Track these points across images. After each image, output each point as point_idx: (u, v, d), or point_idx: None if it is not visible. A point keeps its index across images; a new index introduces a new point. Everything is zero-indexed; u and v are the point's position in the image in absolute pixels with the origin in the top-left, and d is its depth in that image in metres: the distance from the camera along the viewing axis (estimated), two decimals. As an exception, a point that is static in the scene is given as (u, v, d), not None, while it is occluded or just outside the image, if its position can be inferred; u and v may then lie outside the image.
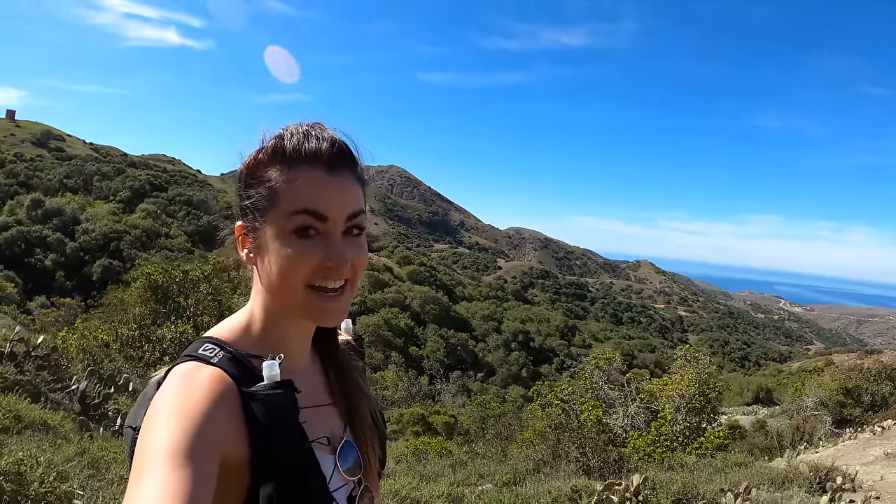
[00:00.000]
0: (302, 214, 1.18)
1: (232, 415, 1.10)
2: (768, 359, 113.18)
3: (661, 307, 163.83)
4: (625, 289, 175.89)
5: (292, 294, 1.20)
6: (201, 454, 1.00)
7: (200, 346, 1.20)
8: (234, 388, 1.13)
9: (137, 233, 55.35)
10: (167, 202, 66.55)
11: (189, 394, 1.08)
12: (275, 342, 1.26)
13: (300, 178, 1.19)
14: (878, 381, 26.81)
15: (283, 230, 1.18)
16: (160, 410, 1.06)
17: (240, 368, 1.17)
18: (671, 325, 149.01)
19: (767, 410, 35.02)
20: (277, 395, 1.13)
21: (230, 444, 1.08)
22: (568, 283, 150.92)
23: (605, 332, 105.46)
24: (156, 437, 1.01)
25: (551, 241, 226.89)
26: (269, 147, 1.23)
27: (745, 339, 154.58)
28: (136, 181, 68.83)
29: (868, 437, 17.11)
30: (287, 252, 1.17)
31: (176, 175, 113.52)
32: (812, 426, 23.23)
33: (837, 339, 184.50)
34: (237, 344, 1.22)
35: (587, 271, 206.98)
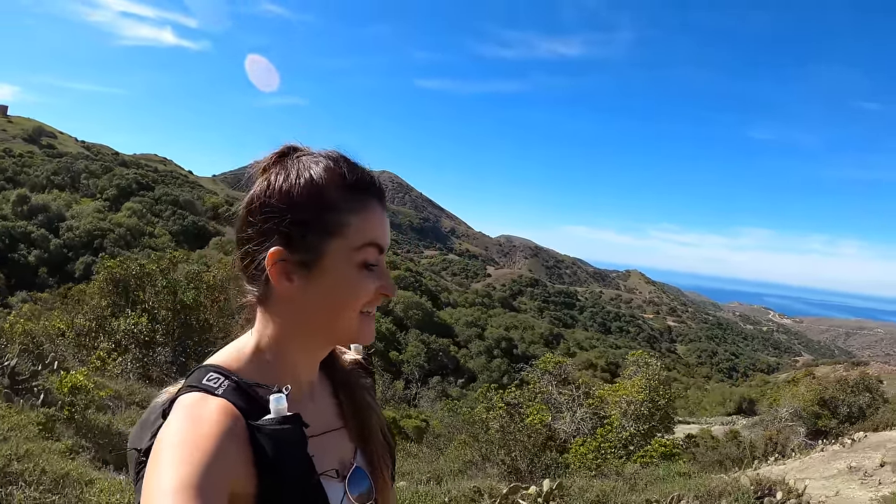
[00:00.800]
0: (371, 247, 1.20)
1: (240, 449, 1.07)
2: (756, 370, 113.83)
3: (650, 317, 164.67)
4: (614, 298, 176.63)
5: (348, 321, 1.21)
6: (210, 490, 0.98)
7: (204, 376, 1.17)
8: (242, 421, 1.10)
9: (121, 231, 55.43)
10: (153, 201, 66.66)
11: (196, 427, 1.05)
12: (285, 369, 1.25)
13: (370, 209, 1.21)
14: (856, 393, 26.91)
15: (350, 261, 1.18)
16: (167, 446, 1.03)
17: (245, 399, 1.14)
18: (660, 335, 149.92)
19: (746, 421, 35.33)
20: (285, 431, 1.09)
21: (238, 479, 1.05)
22: (557, 292, 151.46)
23: (591, 340, 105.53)
24: (163, 474, 0.98)
25: (542, 249, 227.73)
26: (331, 170, 1.21)
27: (734, 350, 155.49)
28: (123, 180, 68.84)
29: (837, 449, 17.02)
30: (356, 283, 1.19)
31: (167, 175, 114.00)
32: (785, 437, 23.22)
33: (826, 350, 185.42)
34: (241, 372, 1.20)
35: (577, 280, 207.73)
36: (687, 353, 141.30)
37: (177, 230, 62.46)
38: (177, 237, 61.10)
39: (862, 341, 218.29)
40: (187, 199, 69.15)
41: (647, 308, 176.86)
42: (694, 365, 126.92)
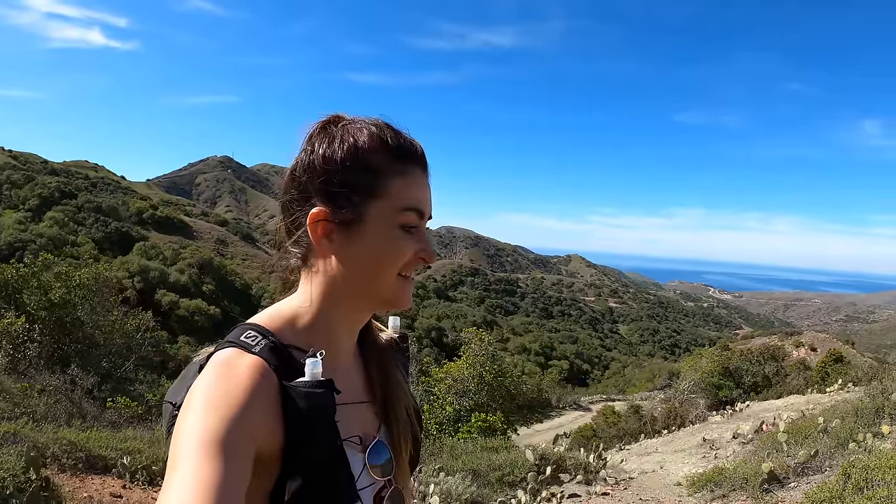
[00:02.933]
0: (412, 211, 1.23)
1: (269, 407, 1.09)
2: (698, 345, 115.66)
3: (592, 300, 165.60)
4: (556, 283, 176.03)
5: (385, 282, 1.24)
6: (237, 445, 0.99)
7: (243, 333, 1.19)
8: (275, 379, 1.12)
9: (43, 241, 54.94)
10: (76, 210, 66.27)
11: (228, 382, 1.07)
12: (323, 334, 1.27)
13: (411, 174, 1.25)
14: (761, 363, 27.77)
15: (391, 222, 1.22)
16: (198, 398, 1.05)
17: (280, 359, 1.16)
18: (601, 316, 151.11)
19: (664, 394, 37.06)
20: (317, 394, 1.11)
21: (264, 436, 1.07)
22: (498, 280, 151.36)
23: (525, 325, 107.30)
24: (192, 426, 1.00)
25: (482, 238, 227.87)
26: (375, 136, 1.25)
27: (675, 327, 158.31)
28: (45, 189, 68.47)
29: (718, 420, 17.86)
30: (394, 244, 1.22)
31: (98, 182, 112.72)
32: (685, 410, 23.78)
33: (765, 322, 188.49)
34: (280, 333, 1.22)
35: (518, 267, 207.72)
36: (629, 332, 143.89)
37: (100, 237, 62.37)
38: (100, 244, 61.07)
39: (800, 312, 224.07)
40: (110, 206, 69.01)
41: (589, 291, 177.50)
42: (636, 344, 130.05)
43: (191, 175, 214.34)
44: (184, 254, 62.39)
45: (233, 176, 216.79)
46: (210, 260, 62.17)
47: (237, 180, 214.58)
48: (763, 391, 24.63)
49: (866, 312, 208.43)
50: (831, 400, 15.64)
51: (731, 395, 25.27)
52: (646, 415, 26.07)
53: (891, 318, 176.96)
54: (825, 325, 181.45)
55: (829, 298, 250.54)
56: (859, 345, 70.00)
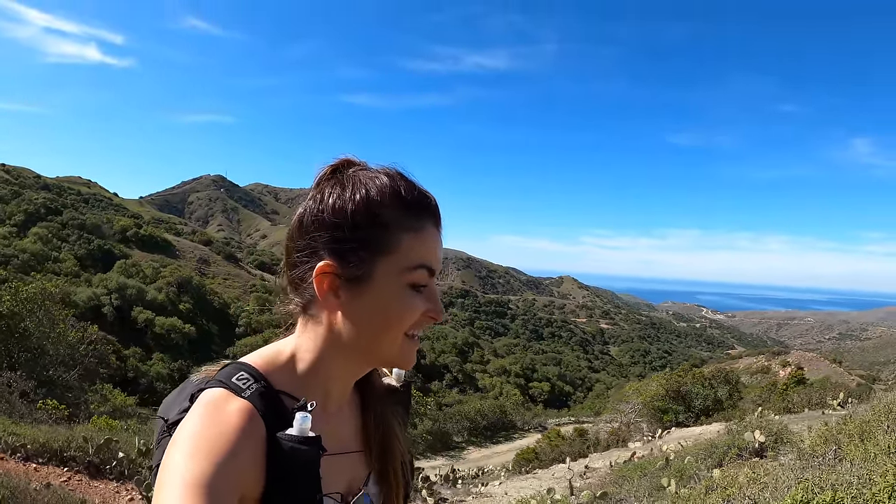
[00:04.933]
0: (423, 269, 1.19)
1: (255, 454, 1.09)
2: (693, 366, 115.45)
3: (583, 321, 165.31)
4: (547, 304, 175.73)
5: (392, 342, 1.21)
6: (223, 490, 0.99)
7: (235, 374, 1.18)
8: (262, 427, 1.12)
9: (26, 257, 55.81)
10: (61, 226, 66.87)
11: (216, 426, 1.07)
12: (317, 382, 1.26)
13: (423, 230, 1.21)
14: (713, 386, 27.39)
15: (399, 280, 1.19)
16: (185, 439, 1.05)
17: (269, 406, 1.15)
18: (592, 337, 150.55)
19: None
20: (302, 451, 1.10)
21: (247, 483, 1.07)
22: (488, 301, 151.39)
23: (509, 346, 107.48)
24: (179, 468, 1.00)
25: (474, 260, 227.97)
26: (389, 189, 1.21)
27: (667, 347, 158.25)
28: (31, 205, 69.28)
29: (637, 446, 18.20)
30: (403, 304, 1.19)
31: (90, 198, 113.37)
32: (628, 433, 24.46)
33: (758, 342, 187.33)
34: (273, 377, 1.21)
35: (510, 289, 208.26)
36: (620, 353, 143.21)
37: (83, 254, 63.00)
38: (83, 261, 61.76)
39: (793, 331, 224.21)
40: (94, 224, 69.80)
41: (581, 312, 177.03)
42: (627, 365, 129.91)
43: (183, 193, 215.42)
44: (164, 272, 62.93)
45: (225, 195, 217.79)
46: (189, 279, 62.79)
47: (230, 199, 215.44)
48: (714, 414, 24.31)
49: (859, 330, 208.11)
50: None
51: (676, 418, 25.00)
52: (590, 438, 26.30)
53: (884, 335, 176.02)
54: (818, 344, 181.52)
55: (821, 317, 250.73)
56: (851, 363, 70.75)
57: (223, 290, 69.62)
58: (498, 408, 40.22)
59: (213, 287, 68.65)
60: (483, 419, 36.95)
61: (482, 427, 36.53)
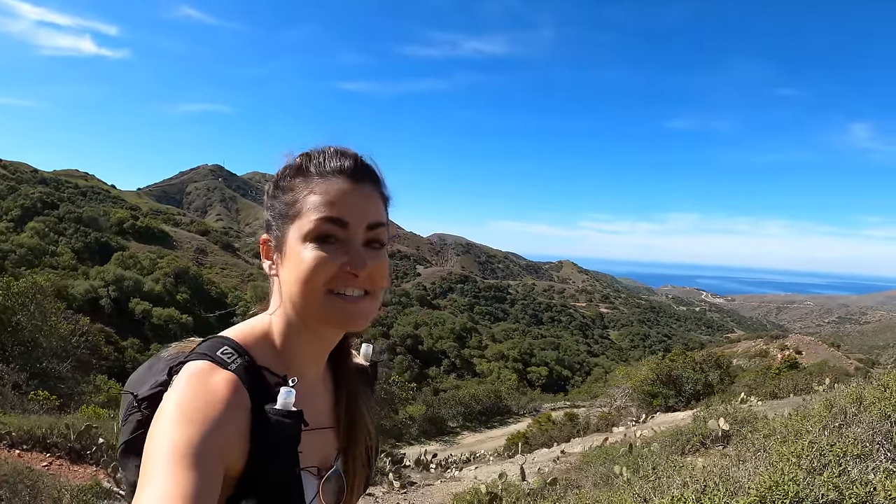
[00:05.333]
0: (324, 221, 1.20)
1: (241, 426, 1.12)
2: (689, 349, 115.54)
3: (583, 305, 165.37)
4: (547, 289, 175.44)
5: (312, 298, 1.21)
6: (211, 458, 1.02)
7: (219, 348, 1.20)
8: (248, 398, 1.14)
9: (23, 251, 56.22)
10: (57, 220, 67.31)
11: (204, 395, 1.09)
12: (291, 355, 1.30)
13: (323, 186, 1.23)
14: (704, 370, 27.05)
15: (305, 236, 1.21)
16: (172, 410, 1.07)
17: (254, 380, 1.18)
18: (592, 322, 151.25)
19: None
20: (286, 424, 1.14)
21: (232, 453, 1.10)
22: (488, 287, 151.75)
23: (508, 331, 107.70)
24: (167, 438, 1.02)
25: (474, 245, 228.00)
26: (296, 162, 1.29)
27: (667, 331, 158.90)
28: (27, 200, 69.62)
29: (619, 430, 18.36)
30: (308, 256, 1.19)
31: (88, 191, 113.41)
32: (617, 418, 24.39)
33: (758, 326, 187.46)
34: (254, 352, 1.24)
35: (510, 274, 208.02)
36: (619, 337, 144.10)
37: (80, 247, 63.45)
38: (80, 254, 62.23)
39: (793, 315, 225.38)
40: (90, 216, 70.06)
41: (580, 297, 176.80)
42: (627, 349, 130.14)
43: (181, 184, 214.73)
44: (161, 263, 63.48)
45: (223, 185, 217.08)
46: (186, 269, 63.17)
47: (228, 189, 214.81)
48: (704, 399, 23.42)
49: (858, 314, 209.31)
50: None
51: (665, 403, 24.66)
52: (580, 422, 26.41)
53: (883, 319, 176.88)
54: (818, 328, 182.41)
55: (821, 300, 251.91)
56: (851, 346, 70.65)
57: (220, 280, 70.04)
58: (493, 393, 40.33)
59: (211, 277, 69.11)
60: (477, 404, 37.02)
61: (477, 412, 36.59)
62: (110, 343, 47.35)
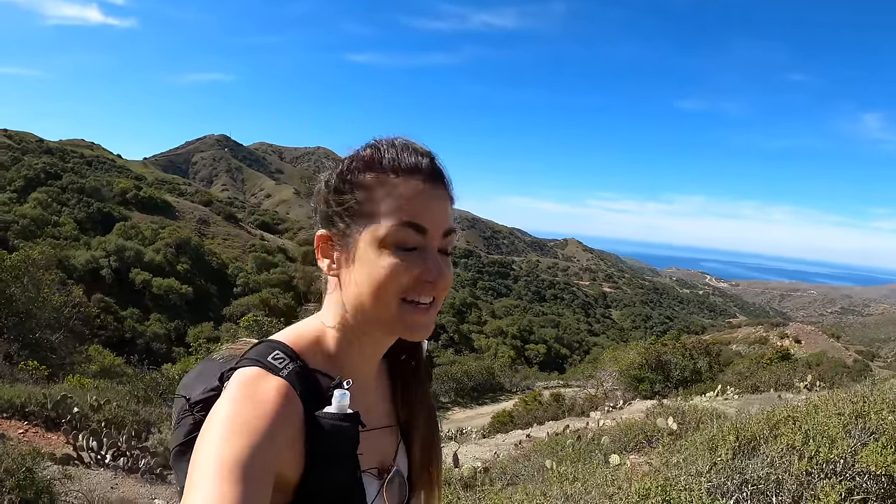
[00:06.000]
0: (404, 226, 1.15)
1: (293, 435, 1.09)
2: (691, 332, 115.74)
3: (586, 284, 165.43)
4: (551, 266, 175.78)
5: (385, 307, 1.17)
6: (258, 471, 0.99)
7: (270, 353, 1.17)
8: (300, 407, 1.11)
9: (26, 222, 56.57)
10: (60, 190, 67.43)
11: (254, 406, 1.06)
12: (347, 358, 1.26)
13: (400, 187, 1.18)
14: (693, 357, 27.02)
15: (383, 241, 1.15)
16: (221, 420, 1.04)
17: (306, 385, 1.15)
18: (594, 301, 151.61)
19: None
20: (343, 428, 1.11)
21: (285, 464, 1.07)
22: (491, 262, 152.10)
23: (508, 308, 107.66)
24: (215, 449, 0.99)
25: (479, 220, 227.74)
26: (366, 155, 1.22)
27: (669, 313, 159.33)
28: (30, 170, 69.80)
29: (595, 416, 17.70)
30: (386, 263, 1.15)
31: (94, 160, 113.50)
32: (601, 400, 24.12)
33: (761, 312, 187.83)
34: (306, 356, 1.20)
35: (515, 250, 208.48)
36: (621, 317, 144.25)
37: (83, 217, 63.68)
38: (83, 224, 62.46)
39: (796, 303, 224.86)
40: (93, 187, 70.17)
41: (584, 275, 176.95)
42: (628, 329, 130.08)
43: (188, 154, 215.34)
44: (162, 234, 63.68)
45: (230, 154, 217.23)
46: (188, 240, 63.50)
47: (234, 159, 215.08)
48: (692, 386, 23.62)
49: (861, 305, 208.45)
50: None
51: (652, 388, 24.42)
52: (566, 402, 26.02)
53: (886, 312, 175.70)
54: (820, 317, 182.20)
55: (825, 290, 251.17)
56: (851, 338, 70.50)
57: (222, 251, 70.12)
58: (485, 369, 40.45)
59: (212, 248, 69.35)
60: (469, 380, 37.24)
61: (469, 388, 36.83)
62: (110, 313, 48.05)
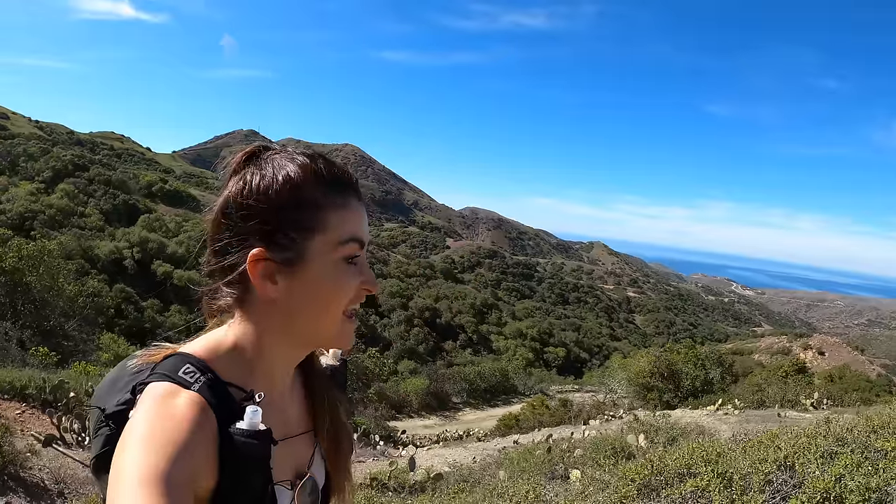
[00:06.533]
0: (353, 242, 1.18)
1: (207, 447, 1.07)
2: (714, 340, 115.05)
3: (610, 288, 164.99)
4: (576, 269, 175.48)
5: (332, 322, 1.20)
6: (178, 484, 0.97)
7: (181, 368, 1.14)
8: (213, 419, 1.09)
9: (52, 212, 57.25)
10: (87, 182, 68.36)
11: (168, 420, 1.04)
12: (262, 371, 1.24)
13: (348, 205, 1.20)
14: (706, 367, 26.92)
15: (333, 256, 1.17)
16: (137, 435, 1.02)
17: (218, 398, 1.13)
18: (618, 305, 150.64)
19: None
20: (253, 446, 1.09)
21: (201, 475, 1.05)
22: (515, 263, 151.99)
23: (529, 310, 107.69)
24: (132, 464, 0.97)
25: (505, 220, 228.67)
26: (308, 168, 1.20)
27: (693, 320, 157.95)
28: (59, 162, 70.84)
29: (594, 424, 17.50)
30: (341, 279, 1.17)
31: (123, 152, 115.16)
32: (609, 407, 24.39)
33: (786, 322, 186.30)
34: (217, 368, 1.17)
35: (540, 251, 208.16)
36: (645, 323, 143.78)
37: (108, 209, 64.53)
38: (108, 216, 63.31)
39: (822, 313, 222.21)
40: (119, 179, 71.11)
41: (609, 279, 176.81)
42: (651, 335, 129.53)
43: (216, 148, 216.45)
44: (186, 226, 64.60)
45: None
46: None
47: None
48: (702, 397, 23.15)
49: (889, 318, 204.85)
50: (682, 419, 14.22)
51: (661, 398, 24.32)
52: (573, 408, 26.37)
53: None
54: (846, 329, 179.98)
55: (851, 301, 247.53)
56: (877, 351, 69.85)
57: (245, 245, 70.78)
58: (498, 371, 40.48)
59: (235, 241, 69.66)
60: (482, 381, 37.28)
61: (482, 389, 36.88)
62: (131, 303, 48.70)
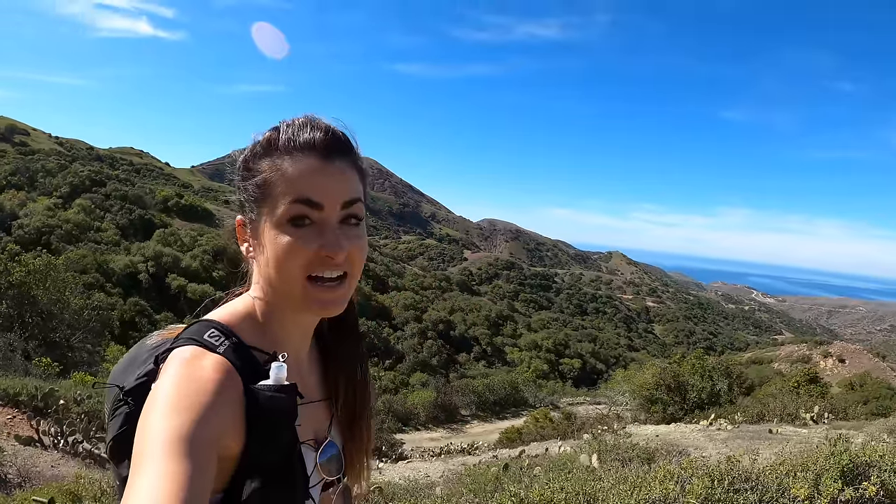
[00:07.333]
0: (296, 203, 1.17)
1: (234, 408, 1.09)
2: (734, 349, 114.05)
3: (629, 298, 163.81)
4: (594, 280, 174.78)
5: (291, 285, 1.20)
6: (203, 446, 0.99)
7: (206, 332, 1.18)
8: (239, 381, 1.12)
9: (69, 227, 58.10)
10: (104, 197, 69.23)
11: (194, 382, 1.06)
12: (277, 334, 1.28)
13: (293, 166, 1.19)
14: (713, 378, 25.95)
15: (279, 220, 1.18)
16: (163, 398, 1.04)
17: (243, 360, 1.16)
18: (637, 315, 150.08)
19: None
20: (281, 399, 1.12)
21: (228, 437, 1.07)
22: (533, 274, 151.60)
23: (546, 321, 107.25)
24: (158, 426, 0.99)
25: (523, 232, 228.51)
26: (264, 139, 1.24)
27: (713, 329, 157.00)
28: (76, 177, 71.78)
29: (587, 436, 16.55)
30: (283, 241, 1.17)
31: (142, 168, 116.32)
32: (615, 418, 24.17)
33: (807, 329, 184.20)
34: (240, 333, 1.22)
35: (558, 262, 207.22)
36: (664, 332, 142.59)
37: (124, 224, 65.33)
38: (124, 230, 64.13)
39: (844, 320, 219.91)
40: (136, 194, 71.95)
41: (627, 289, 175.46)
42: (670, 345, 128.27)
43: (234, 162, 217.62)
44: (201, 241, 65.07)
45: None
46: (225, 247, 64.63)
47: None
48: (708, 409, 22.35)
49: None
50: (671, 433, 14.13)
51: (664, 410, 23.65)
52: (577, 421, 26.01)
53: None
54: (868, 335, 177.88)
55: (873, 307, 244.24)
56: (899, 357, 69.06)
57: (260, 260, 71.43)
58: (508, 383, 40.10)
59: (250, 256, 70.31)
60: (491, 394, 36.95)
61: (490, 402, 36.57)
62: (144, 316, 49.23)
